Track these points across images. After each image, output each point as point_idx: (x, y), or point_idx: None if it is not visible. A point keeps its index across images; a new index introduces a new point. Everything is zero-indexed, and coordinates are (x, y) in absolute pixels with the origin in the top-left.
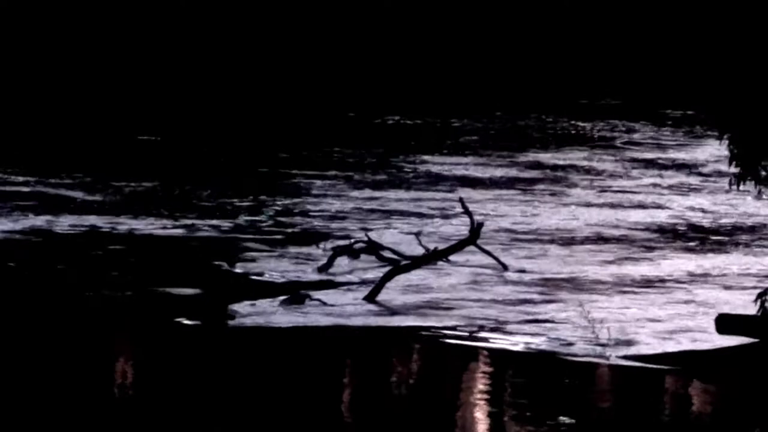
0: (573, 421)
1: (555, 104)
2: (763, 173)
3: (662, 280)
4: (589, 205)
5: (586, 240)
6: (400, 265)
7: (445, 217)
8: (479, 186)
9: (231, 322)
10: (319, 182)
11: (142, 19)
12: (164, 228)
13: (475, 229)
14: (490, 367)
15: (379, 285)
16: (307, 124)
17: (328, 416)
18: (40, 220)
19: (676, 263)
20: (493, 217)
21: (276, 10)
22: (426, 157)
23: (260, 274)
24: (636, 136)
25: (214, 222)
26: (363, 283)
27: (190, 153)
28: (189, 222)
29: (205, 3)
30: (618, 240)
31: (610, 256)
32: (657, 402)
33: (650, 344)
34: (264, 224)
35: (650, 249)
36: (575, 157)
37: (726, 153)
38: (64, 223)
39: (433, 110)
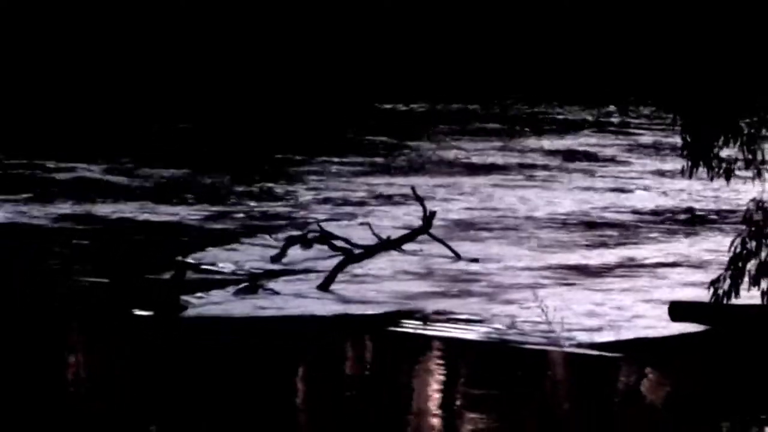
0: (526, 408)
1: (557, 90)
2: (715, 161)
3: (627, 266)
4: (586, 189)
5: (571, 225)
6: (353, 254)
7: (444, 200)
8: (480, 172)
9: (184, 313)
10: (318, 168)
11: (170, 12)
12: (161, 214)
13: (428, 218)
14: (443, 356)
15: (332, 274)
16: (320, 111)
17: (281, 406)
18: (72, 207)
19: (652, 249)
20: (485, 203)
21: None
22: (424, 143)
23: (213, 264)
24: (638, 121)
25: (206, 209)
26: (316, 272)
27: (217, 140)
28: (182, 210)
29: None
30: (602, 225)
31: (585, 241)
32: (610, 390)
33: (604, 332)
34: (262, 211)
35: (630, 234)
36: (578, 142)
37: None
38: (97, 210)
39: (436, 96)
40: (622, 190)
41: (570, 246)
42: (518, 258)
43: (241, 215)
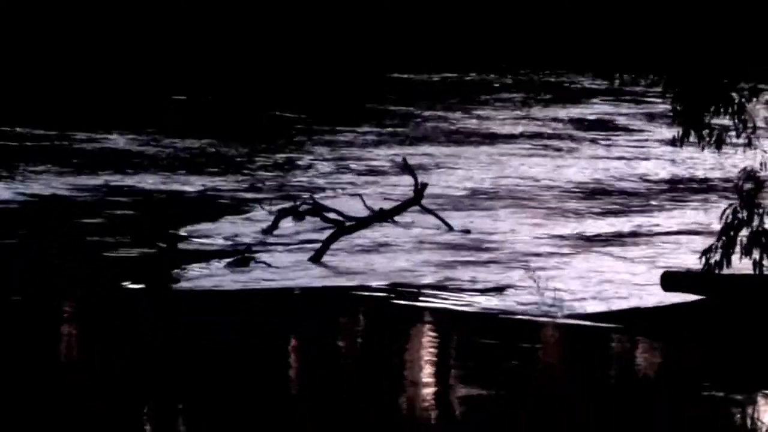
0: (519, 380)
1: (572, 59)
2: (706, 130)
3: (640, 234)
4: (600, 158)
5: (584, 194)
6: (345, 226)
7: (459, 168)
8: (494, 141)
9: (176, 285)
10: (338, 138)
11: None
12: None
13: (419, 190)
14: (436, 327)
15: (324, 246)
16: (338, 82)
17: (273, 377)
18: (103, 178)
19: (665, 217)
20: (499, 172)
21: None
22: (439, 113)
23: (205, 237)
24: (655, 90)
25: (228, 179)
26: (308, 244)
27: (239, 111)
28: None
29: None
30: (616, 193)
31: (598, 210)
32: (603, 360)
33: (597, 302)
34: (283, 181)
35: (643, 203)
36: (593, 111)
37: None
38: (126, 181)
39: (451, 66)
40: (635, 159)
41: (583, 214)
42: (529, 226)
43: (262, 185)
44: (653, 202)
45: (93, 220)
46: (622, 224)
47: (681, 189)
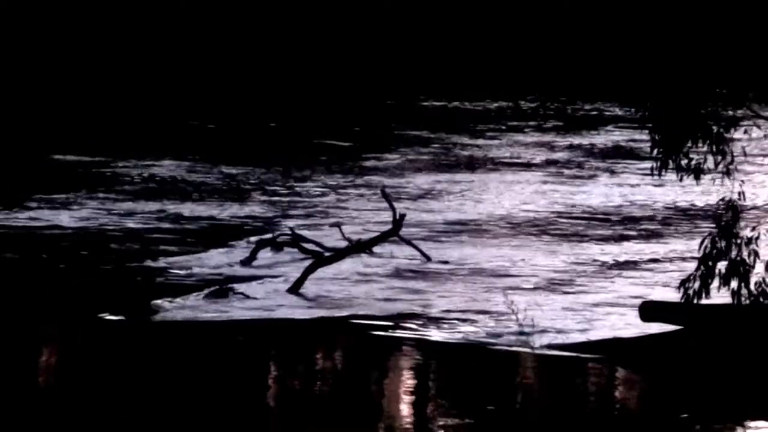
0: (498, 410)
1: (592, 86)
2: (684, 160)
3: (637, 263)
4: (618, 185)
5: (599, 221)
6: (324, 257)
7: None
8: (519, 167)
9: (154, 317)
10: (367, 164)
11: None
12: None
13: (398, 221)
14: (415, 357)
15: (302, 277)
16: (364, 108)
17: (253, 409)
18: (151, 206)
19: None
20: (515, 199)
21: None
22: (459, 139)
23: (182, 268)
24: None
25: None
26: (286, 275)
27: (269, 138)
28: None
29: None
30: (634, 220)
31: (614, 237)
32: (581, 390)
33: (574, 332)
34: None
35: (662, 230)
36: (611, 138)
37: None
38: (171, 208)
39: (470, 93)
40: (652, 185)
41: (590, 240)
42: (539, 254)
43: (292, 211)
44: (667, 229)
45: (134, 245)
46: (635, 251)
47: (697, 216)
